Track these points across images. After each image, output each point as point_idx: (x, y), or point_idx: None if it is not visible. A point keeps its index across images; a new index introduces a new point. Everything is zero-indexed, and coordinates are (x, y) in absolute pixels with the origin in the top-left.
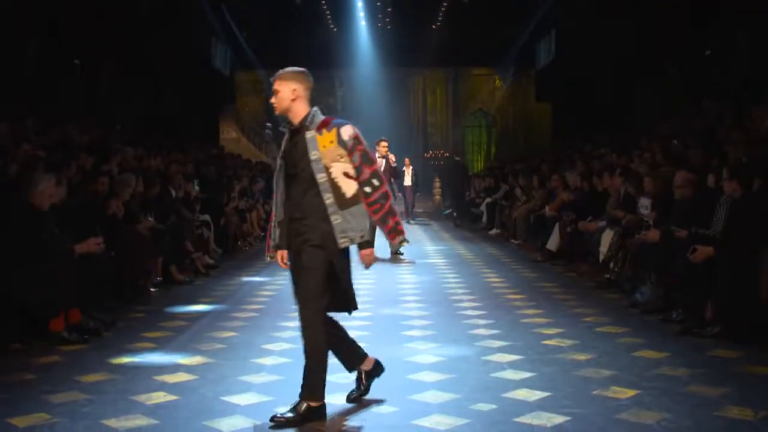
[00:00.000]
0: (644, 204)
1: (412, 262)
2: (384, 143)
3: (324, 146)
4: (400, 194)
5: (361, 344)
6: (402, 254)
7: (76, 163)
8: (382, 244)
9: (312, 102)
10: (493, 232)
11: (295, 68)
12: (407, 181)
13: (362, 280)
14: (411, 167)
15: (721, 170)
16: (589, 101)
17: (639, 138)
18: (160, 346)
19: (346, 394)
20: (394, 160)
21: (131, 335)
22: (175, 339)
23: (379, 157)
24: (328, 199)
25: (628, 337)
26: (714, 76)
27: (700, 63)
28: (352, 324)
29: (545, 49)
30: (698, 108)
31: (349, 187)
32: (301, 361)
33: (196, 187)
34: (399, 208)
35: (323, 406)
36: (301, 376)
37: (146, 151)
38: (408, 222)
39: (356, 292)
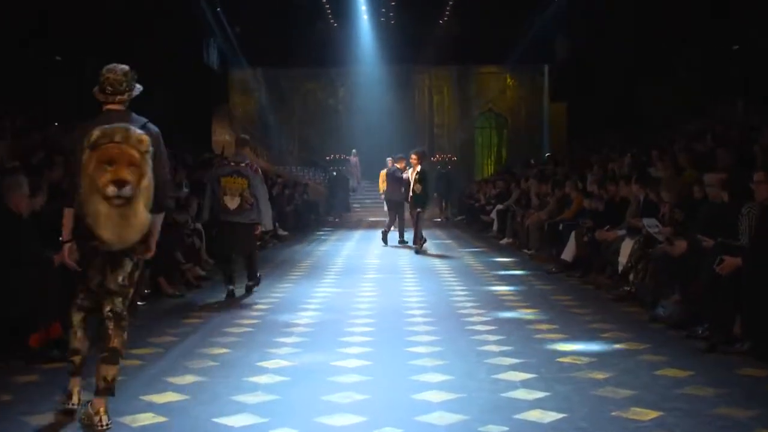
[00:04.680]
0: (650, 223)
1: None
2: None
3: None
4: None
5: (363, 361)
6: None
7: (56, 167)
8: None
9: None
10: (505, 241)
11: None
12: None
13: (364, 291)
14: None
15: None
16: (607, 101)
17: (659, 141)
18: (148, 363)
19: (348, 414)
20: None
21: None
22: (164, 356)
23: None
24: None
25: (650, 354)
26: (739, 72)
27: (724, 59)
28: (352, 339)
29: (561, 46)
30: (724, 107)
31: None
32: (298, 380)
33: (186, 189)
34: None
35: None
36: None
37: None
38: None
39: (357, 305)
